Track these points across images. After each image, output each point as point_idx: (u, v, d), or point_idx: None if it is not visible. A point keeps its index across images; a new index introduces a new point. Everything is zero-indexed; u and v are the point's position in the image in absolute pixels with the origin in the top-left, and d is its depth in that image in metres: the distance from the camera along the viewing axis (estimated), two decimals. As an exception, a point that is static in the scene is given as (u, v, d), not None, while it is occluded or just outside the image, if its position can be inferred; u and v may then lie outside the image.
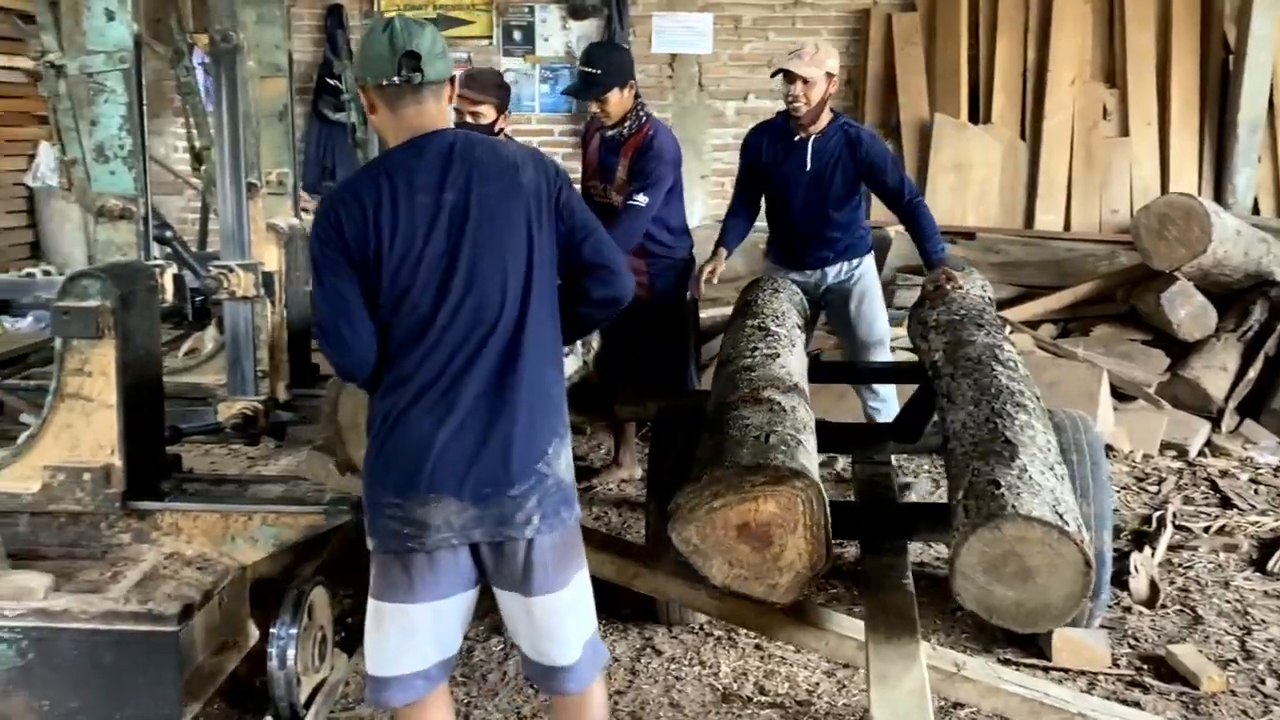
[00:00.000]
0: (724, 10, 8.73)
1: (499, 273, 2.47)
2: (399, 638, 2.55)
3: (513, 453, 2.47)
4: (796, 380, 3.77)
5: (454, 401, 2.44)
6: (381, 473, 2.47)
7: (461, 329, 2.45)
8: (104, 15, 3.09)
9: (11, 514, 3.08)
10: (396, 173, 2.46)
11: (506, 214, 2.49)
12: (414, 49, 2.45)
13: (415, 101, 2.49)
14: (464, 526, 2.45)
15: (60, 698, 2.76)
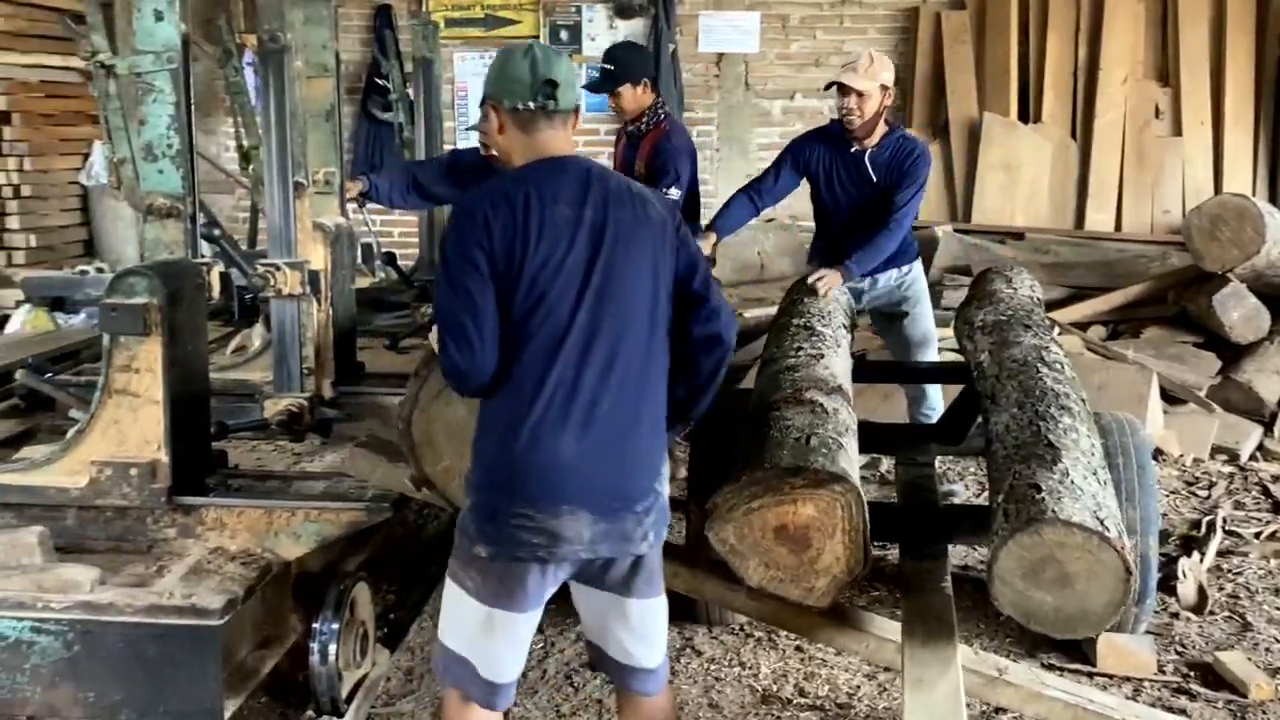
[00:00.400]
0: (771, 9, 8.70)
1: (632, 290, 2.52)
2: (511, 646, 2.60)
3: (639, 470, 2.54)
4: (840, 382, 3.75)
5: (588, 414, 2.46)
6: (511, 482, 2.46)
7: (597, 341, 2.48)
8: (153, 16, 3.12)
9: (60, 508, 3.13)
10: (541, 184, 2.50)
11: (638, 239, 2.54)
12: (553, 77, 2.51)
13: (549, 127, 2.55)
14: (593, 540, 2.48)
15: (105, 690, 2.79)
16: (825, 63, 8.70)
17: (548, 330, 2.45)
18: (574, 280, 2.46)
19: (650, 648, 2.69)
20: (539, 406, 2.44)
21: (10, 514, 3.14)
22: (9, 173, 8.42)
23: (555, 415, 2.44)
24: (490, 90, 2.59)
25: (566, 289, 2.46)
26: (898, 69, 8.52)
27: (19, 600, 2.79)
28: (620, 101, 5.16)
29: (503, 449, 2.47)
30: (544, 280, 2.44)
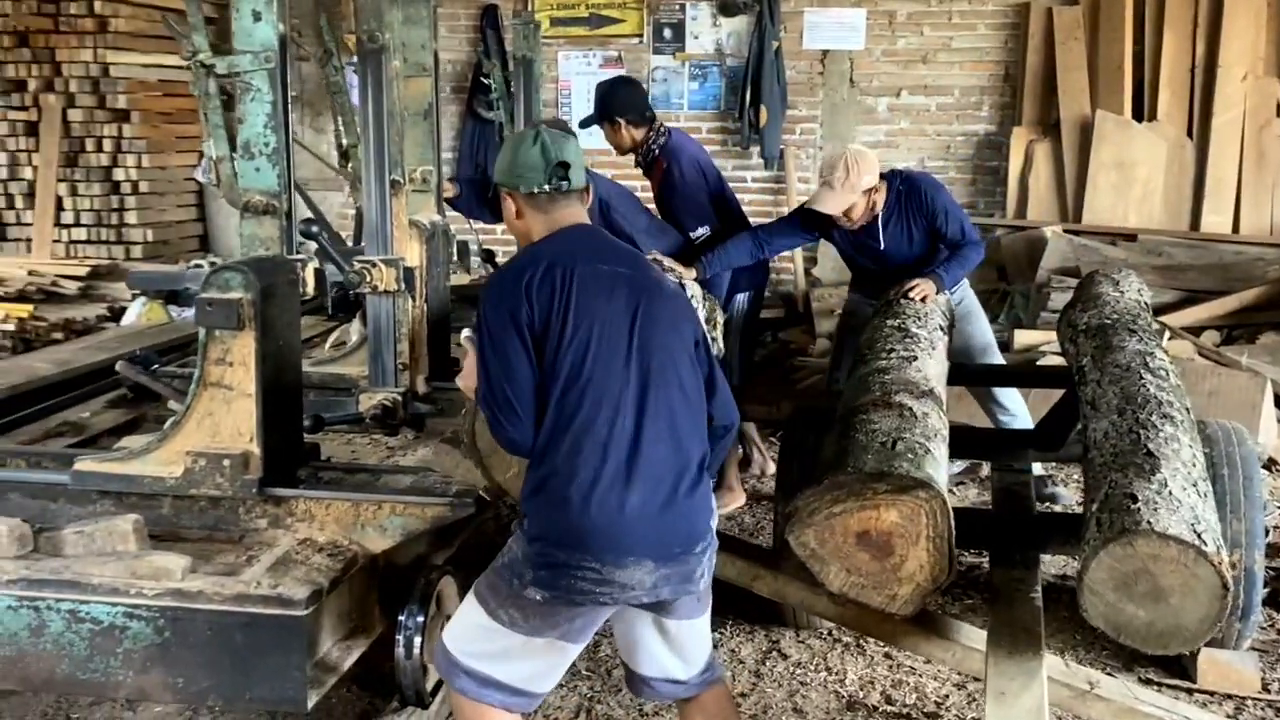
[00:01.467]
0: (878, 5, 8.59)
1: (670, 339, 2.59)
2: (549, 668, 2.65)
3: (698, 512, 2.58)
4: (932, 385, 3.68)
5: (644, 465, 2.50)
6: (573, 539, 2.47)
7: (648, 392, 2.53)
8: (251, 16, 3.18)
9: (156, 496, 3.20)
10: (574, 247, 2.61)
11: (662, 295, 2.64)
12: (565, 159, 2.62)
13: (566, 205, 2.67)
14: (654, 585, 2.51)
15: (194, 676, 2.84)
16: (933, 59, 8.58)
17: (600, 386, 2.50)
18: (621, 335, 2.53)
19: (686, 663, 2.72)
20: (600, 462, 2.47)
21: (109, 502, 3.22)
22: (128, 169, 8.69)
23: (617, 470, 2.48)
24: (504, 179, 2.69)
25: (616, 345, 2.52)
26: (1007, 65, 8.45)
27: (113, 586, 2.86)
28: (614, 137, 5.25)
29: (563, 506, 2.48)
30: (593, 340, 2.50)
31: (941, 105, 8.67)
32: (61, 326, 6.99)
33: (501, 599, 2.57)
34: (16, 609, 2.88)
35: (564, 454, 2.49)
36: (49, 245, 8.71)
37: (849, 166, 4.66)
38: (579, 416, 2.49)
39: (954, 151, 8.69)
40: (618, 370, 2.51)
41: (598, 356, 2.50)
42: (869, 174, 4.70)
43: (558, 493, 2.49)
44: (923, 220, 4.83)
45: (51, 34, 8.61)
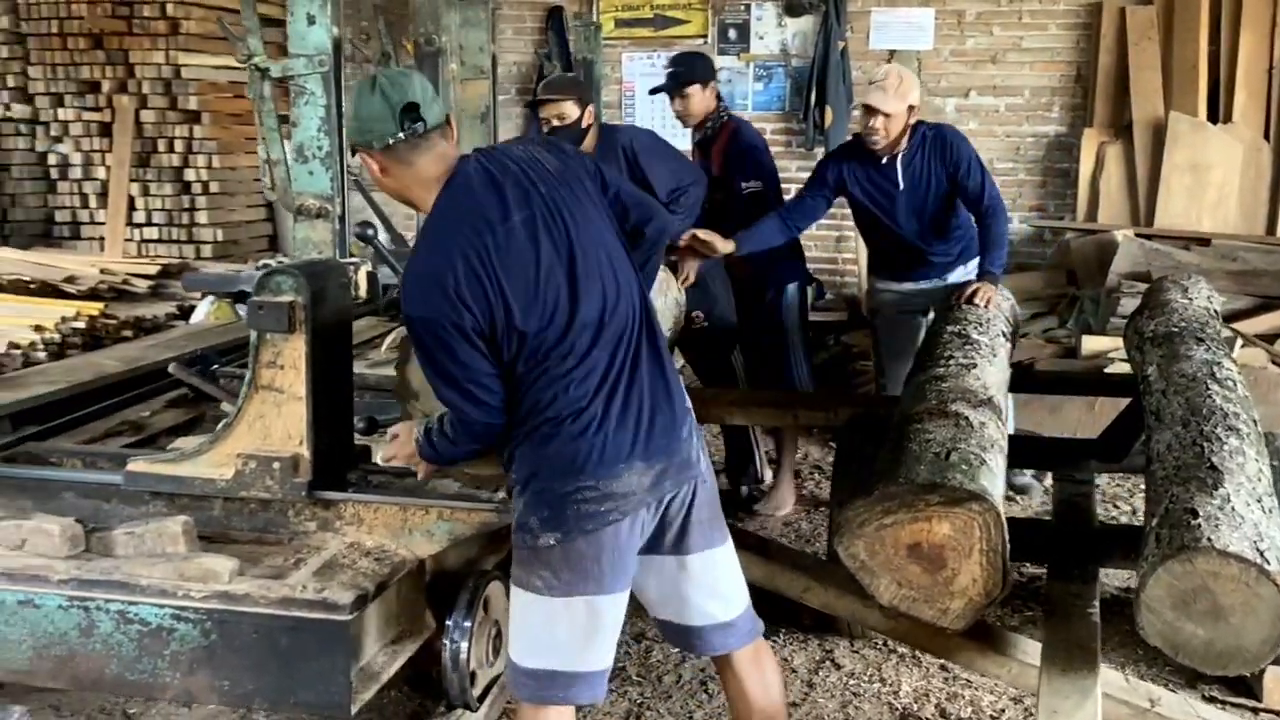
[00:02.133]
0: (946, 4, 8.46)
1: (609, 260, 2.55)
2: (588, 632, 2.56)
3: (673, 397, 2.59)
4: (991, 394, 3.60)
5: (618, 386, 2.51)
6: (563, 464, 2.47)
7: (608, 324, 2.51)
8: (305, 20, 3.19)
9: (207, 498, 3.22)
10: (471, 217, 2.46)
11: (579, 205, 2.55)
12: (411, 100, 2.45)
13: (428, 149, 2.50)
14: (654, 484, 2.52)
15: (239, 679, 2.86)
16: (1002, 60, 8.44)
17: (560, 337, 2.46)
18: (563, 284, 2.47)
19: (723, 600, 2.68)
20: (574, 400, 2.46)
21: (161, 502, 3.25)
22: (198, 169, 8.83)
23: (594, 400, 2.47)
24: (355, 139, 2.56)
25: (560, 295, 2.46)
26: (1079, 65, 8.29)
27: (161, 588, 2.88)
28: (689, 104, 5.20)
29: (545, 440, 2.48)
30: (539, 302, 2.44)
31: (1011, 106, 8.53)
32: (131, 324, 7.08)
33: (528, 567, 2.54)
34: (67, 609, 2.91)
35: (537, 401, 2.48)
36: (121, 244, 8.87)
37: (900, 75, 4.68)
38: (546, 369, 2.47)
39: (1023, 153, 8.54)
40: (567, 316, 2.47)
41: (554, 312, 2.46)
42: (914, 90, 4.69)
43: (538, 431, 2.49)
44: (943, 169, 4.74)
45: (125, 36, 8.77)
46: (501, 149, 2.66)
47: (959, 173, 4.72)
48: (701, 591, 2.67)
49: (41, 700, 3.47)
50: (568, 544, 2.49)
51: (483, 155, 2.58)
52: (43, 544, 3.04)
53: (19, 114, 8.96)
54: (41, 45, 8.89)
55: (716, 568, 2.68)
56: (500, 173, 2.52)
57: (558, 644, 2.55)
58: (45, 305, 6.98)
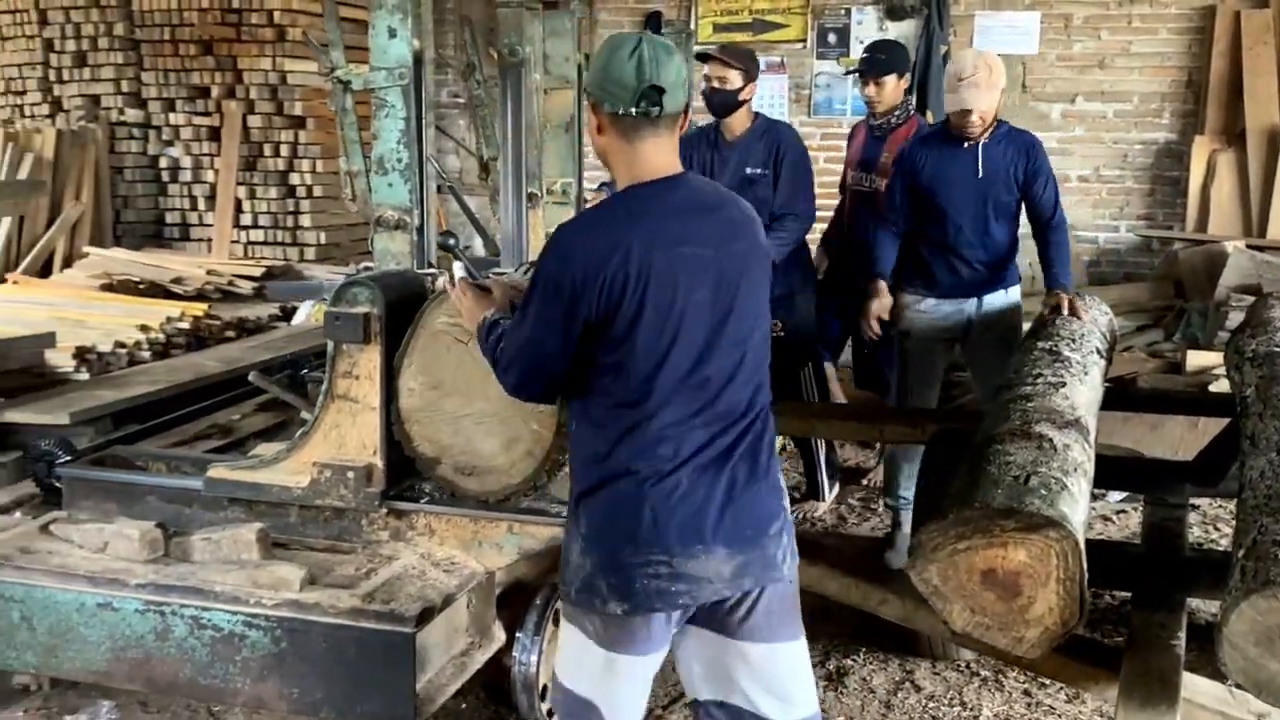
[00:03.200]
0: (1052, 8, 8.26)
1: (752, 330, 2.42)
2: (634, 691, 2.51)
3: (765, 490, 2.42)
4: (1079, 414, 3.48)
5: (712, 465, 2.36)
6: (638, 528, 2.33)
7: (721, 396, 2.37)
8: (386, 33, 3.22)
9: (284, 505, 3.27)
10: (655, 217, 2.35)
11: (749, 273, 2.42)
12: (659, 83, 2.32)
13: (654, 135, 2.38)
14: (734, 575, 2.37)
15: (308, 687, 2.89)
16: (1110, 65, 8.21)
17: (676, 380, 2.33)
18: (700, 322, 2.33)
19: (779, 700, 2.48)
20: (662, 456, 2.33)
21: (239, 508, 3.31)
22: (303, 174, 8.99)
23: (679, 458, 2.33)
24: (591, 87, 2.43)
25: (692, 332, 2.33)
26: (1190, 71, 8.04)
27: (234, 595, 2.93)
28: (882, 92, 5.31)
29: (625, 502, 2.35)
30: (663, 337, 2.31)
31: (1119, 112, 8.29)
32: (234, 325, 7.23)
33: (583, 611, 2.44)
34: (144, 612, 2.98)
35: (627, 452, 2.35)
36: (228, 246, 9.06)
37: (989, 64, 4.36)
38: (644, 411, 2.33)
39: (1131, 160, 8.30)
40: (691, 363, 2.33)
41: (667, 354, 2.32)
42: (1002, 76, 4.42)
43: (616, 483, 2.36)
44: (1022, 171, 4.49)
45: (234, 43, 8.96)
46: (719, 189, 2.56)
47: (1037, 181, 4.52)
48: (756, 685, 2.48)
49: (130, 697, 3.55)
50: (632, 616, 2.38)
51: (702, 184, 2.50)
52: (123, 548, 3.12)
53: (132, 118, 9.22)
54: (154, 52, 9.13)
55: (778, 664, 2.48)
56: (709, 206, 2.43)
57: (596, 683, 2.49)
58: (152, 305, 7.16)
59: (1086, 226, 8.37)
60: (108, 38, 9.15)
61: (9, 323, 6.38)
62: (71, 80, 9.24)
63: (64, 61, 9.24)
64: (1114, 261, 8.35)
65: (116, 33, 9.13)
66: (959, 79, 4.41)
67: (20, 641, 3.11)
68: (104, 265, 8.02)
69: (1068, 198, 8.34)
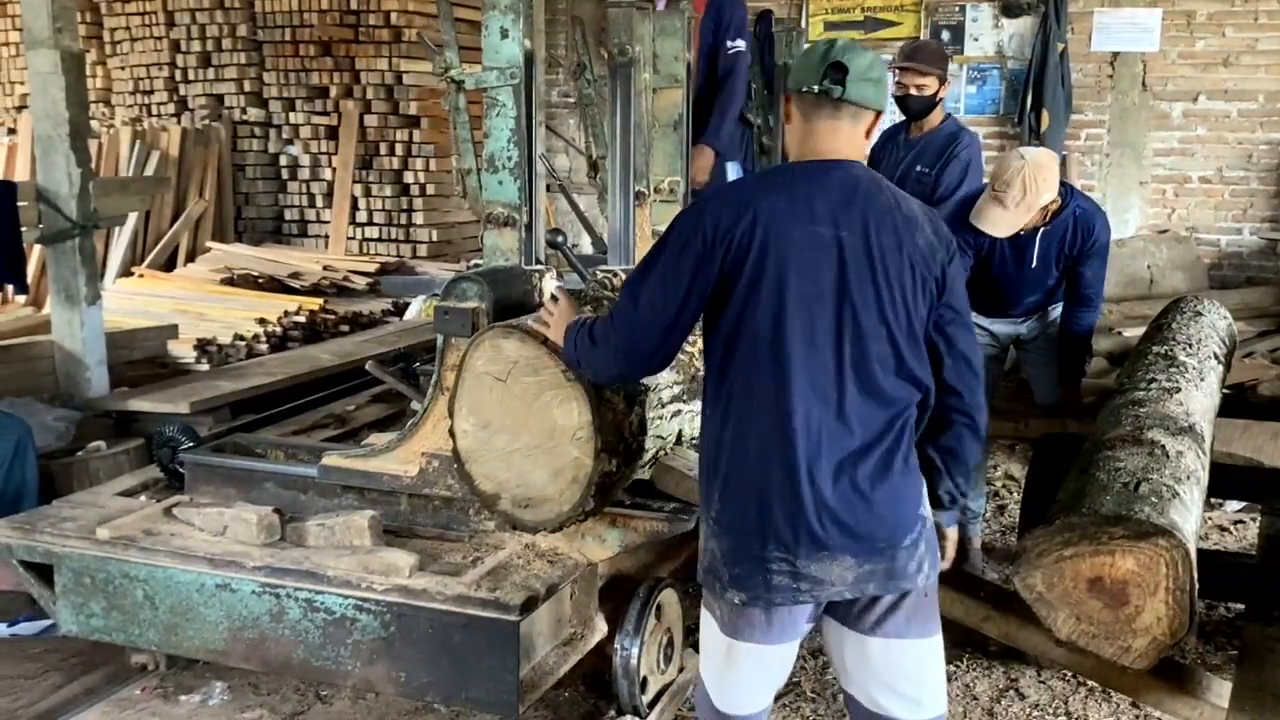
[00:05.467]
0: (1175, 5, 8.06)
1: (883, 319, 2.34)
2: (753, 678, 2.53)
3: (900, 501, 2.37)
4: (1194, 420, 3.42)
5: (841, 450, 2.32)
6: (765, 525, 2.34)
7: (842, 371, 2.32)
8: (499, 33, 3.27)
9: (394, 494, 3.35)
10: (795, 193, 2.35)
11: (898, 268, 2.35)
12: (843, 62, 2.33)
13: (831, 117, 2.37)
14: (858, 580, 2.35)
15: (415, 672, 2.96)
16: (1235, 62, 7.99)
17: (796, 361, 2.30)
18: (825, 308, 2.30)
19: (901, 699, 2.45)
20: (790, 447, 2.29)
21: (352, 496, 3.39)
22: (416, 172, 9.15)
23: (811, 455, 2.29)
24: (789, 79, 2.48)
25: (816, 316, 2.30)
26: (1317, 71, 7.80)
27: (346, 579, 3.01)
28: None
29: (752, 494, 2.34)
30: (790, 305, 2.29)
31: (1244, 111, 8.06)
32: (348, 320, 7.40)
33: (713, 597, 2.49)
34: (260, 594, 3.07)
35: (751, 436, 2.34)
36: (344, 242, 9.27)
37: (1027, 184, 4.04)
38: (772, 392, 2.31)
39: (1256, 161, 8.07)
40: (814, 347, 2.30)
41: (783, 333, 2.29)
42: (1049, 191, 4.10)
43: (746, 479, 2.35)
44: (1076, 248, 4.26)
45: (351, 44, 9.16)
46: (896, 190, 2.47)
47: (1087, 263, 4.28)
48: (874, 680, 2.46)
49: (241, 679, 3.67)
50: (751, 607, 2.41)
51: (869, 176, 2.42)
52: (242, 531, 3.22)
53: (254, 117, 9.47)
54: (275, 52, 9.37)
55: (902, 661, 2.43)
56: (866, 196, 2.36)
57: (713, 668, 2.55)
58: (271, 299, 7.35)
59: (1208, 229, 8.16)
60: (231, 39, 9.41)
61: (134, 314, 6.62)
62: (196, 80, 9.52)
63: (189, 62, 9.52)
64: (1236, 265, 8.13)
65: (240, 34, 9.39)
66: (991, 189, 4.12)
67: (143, 619, 3.24)
68: (225, 260, 8.26)
69: (1189, 199, 8.18)
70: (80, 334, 5.20)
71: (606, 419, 2.86)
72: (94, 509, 3.53)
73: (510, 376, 2.90)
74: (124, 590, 3.24)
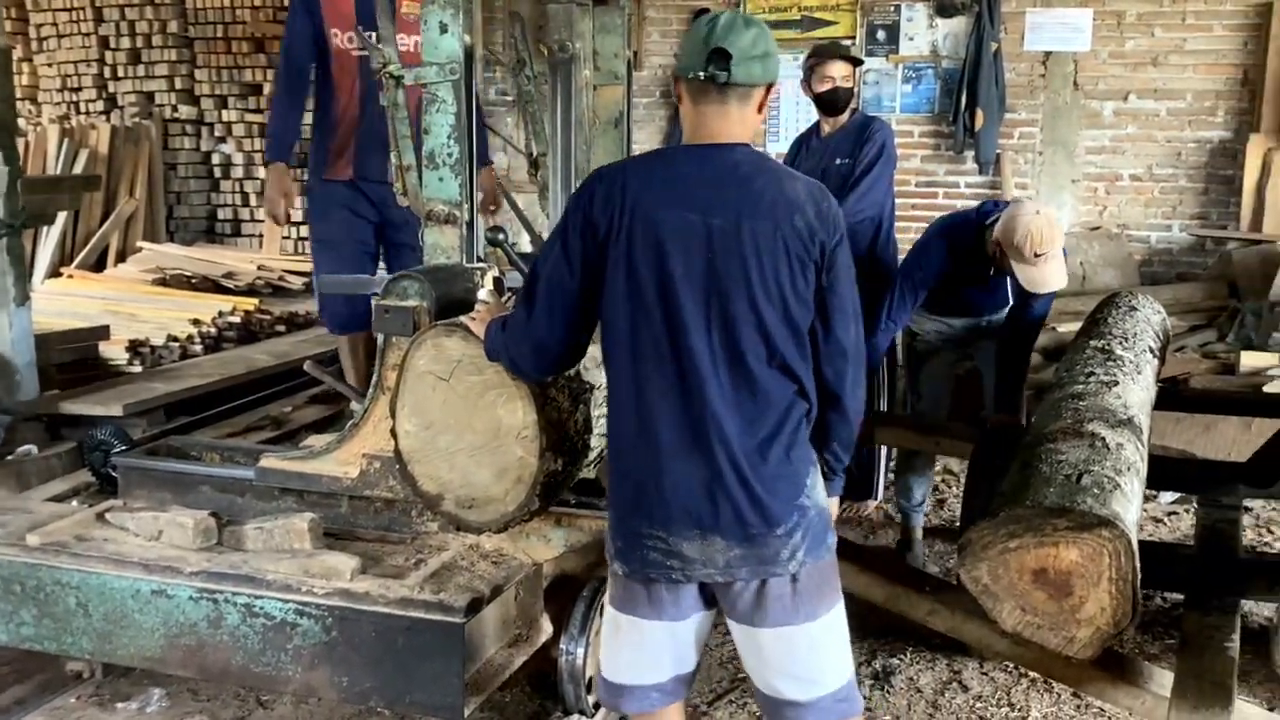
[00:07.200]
0: (1105, 5, 8.15)
1: (753, 311, 2.33)
2: (634, 650, 2.54)
3: (776, 490, 2.37)
4: (1132, 413, 3.46)
5: (710, 438, 2.33)
6: (643, 504, 2.39)
7: (715, 359, 2.33)
8: (438, 28, 3.23)
9: (335, 496, 3.30)
10: (669, 175, 2.36)
11: (773, 253, 2.32)
12: (725, 46, 2.30)
13: (719, 101, 2.35)
14: (729, 564, 2.38)
15: (357, 676, 2.92)
16: (1164, 62, 8.10)
17: (663, 346, 2.33)
18: (694, 294, 2.31)
19: (796, 680, 2.45)
20: (663, 428, 2.34)
21: (291, 498, 3.34)
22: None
23: (680, 438, 2.33)
24: (676, 63, 2.46)
25: (685, 302, 2.31)
26: (1246, 69, 7.93)
27: (286, 583, 2.96)
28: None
29: (634, 472, 2.40)
30: (659, 291, 2.31)
31: (1173, 110, 8.18)
32: (284, 320, 7.30)
33: (608, 570, 2.55)
34: (197, 600, 3.01)
35: (627, 420, 2.39)
36: (278, 241, 9.14)
37: (1056, 230, 4.15)
38: (648, 380, 2.35)
39: (1185, 159, 8.19)
40: (683, 332, 2.31)
41: (665, 315, 2.31)
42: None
43: (625, 460, 2.41)
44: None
45: (285, 40, 9.03)
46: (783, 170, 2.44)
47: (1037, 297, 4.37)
48: (771, 668, 2.47)
49: (180, 685, 3.60)
50: (631, 580, 2.46)
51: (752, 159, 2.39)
52: (178, 536, 3.16)
53: (185, 115, 9.33)
54: (207, 49, 9.24)
55: (795, 647, 2.44)
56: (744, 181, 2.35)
57: (605, 639, 2.59)
58: (204, 300, 7.24)
59: (1139, 226, 8.27)
60: (161, 35, 9.27)
61: (64, 315, 6.48)
62: (126, 77, 9.36)
63: (119, 59, 9.37)
64: (1166, 261, 8.25)
65: (170, 30, 9.25)
66: (1036, 253, 4.10)
67: (76, 627, 3.16)
68: (157, 260, 8.11)
69: (1120, 197, 8.30)
70: (9, 335, 5.08)
71: (552, 417, 2.83)
72: (24, 515, 3.45)
73: (454, 375, 2.86)
74: (56, 598, 3.16)
